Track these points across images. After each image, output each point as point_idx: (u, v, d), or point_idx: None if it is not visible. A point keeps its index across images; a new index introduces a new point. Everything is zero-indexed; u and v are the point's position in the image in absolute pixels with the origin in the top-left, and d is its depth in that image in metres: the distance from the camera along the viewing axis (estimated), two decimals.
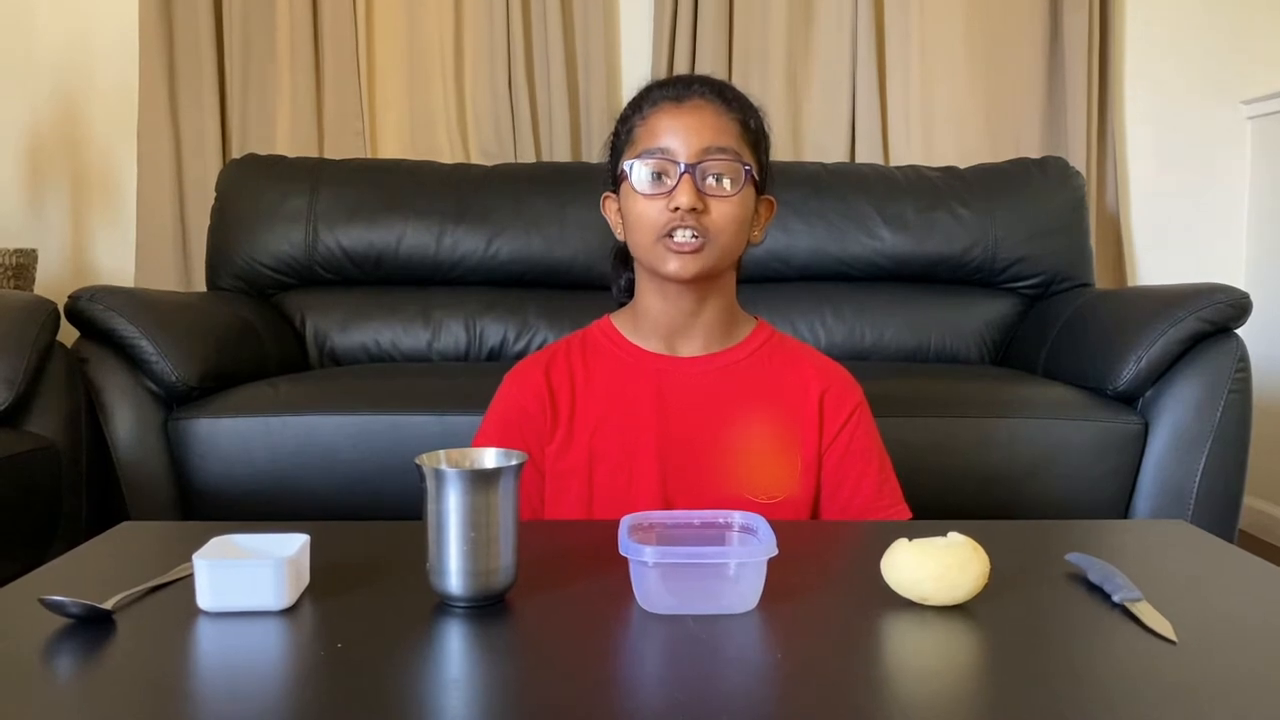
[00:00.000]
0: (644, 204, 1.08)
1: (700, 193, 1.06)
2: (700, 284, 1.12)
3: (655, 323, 1.16)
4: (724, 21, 2.63)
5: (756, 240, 1.16)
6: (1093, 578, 0.82)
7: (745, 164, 1.09)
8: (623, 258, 1.23)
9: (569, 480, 1.13)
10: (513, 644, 0.74)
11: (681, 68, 2.60)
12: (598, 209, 1.21)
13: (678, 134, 1.08)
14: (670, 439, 1.12)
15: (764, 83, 2.62)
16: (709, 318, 1.16)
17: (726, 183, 1.08)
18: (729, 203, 1.08)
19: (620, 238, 1.17)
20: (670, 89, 1.12)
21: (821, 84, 2.68)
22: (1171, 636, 0.70)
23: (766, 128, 1.16)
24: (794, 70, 2.67)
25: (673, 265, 1.08)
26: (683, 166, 1.06)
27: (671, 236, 1.07)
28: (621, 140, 1.15)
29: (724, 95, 1.12)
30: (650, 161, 1.08)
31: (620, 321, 1.20)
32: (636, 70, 2.68)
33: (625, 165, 1.10)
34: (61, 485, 1.60)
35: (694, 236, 1.07)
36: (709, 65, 2.58)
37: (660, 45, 2.64)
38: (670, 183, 1.07)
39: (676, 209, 1.06)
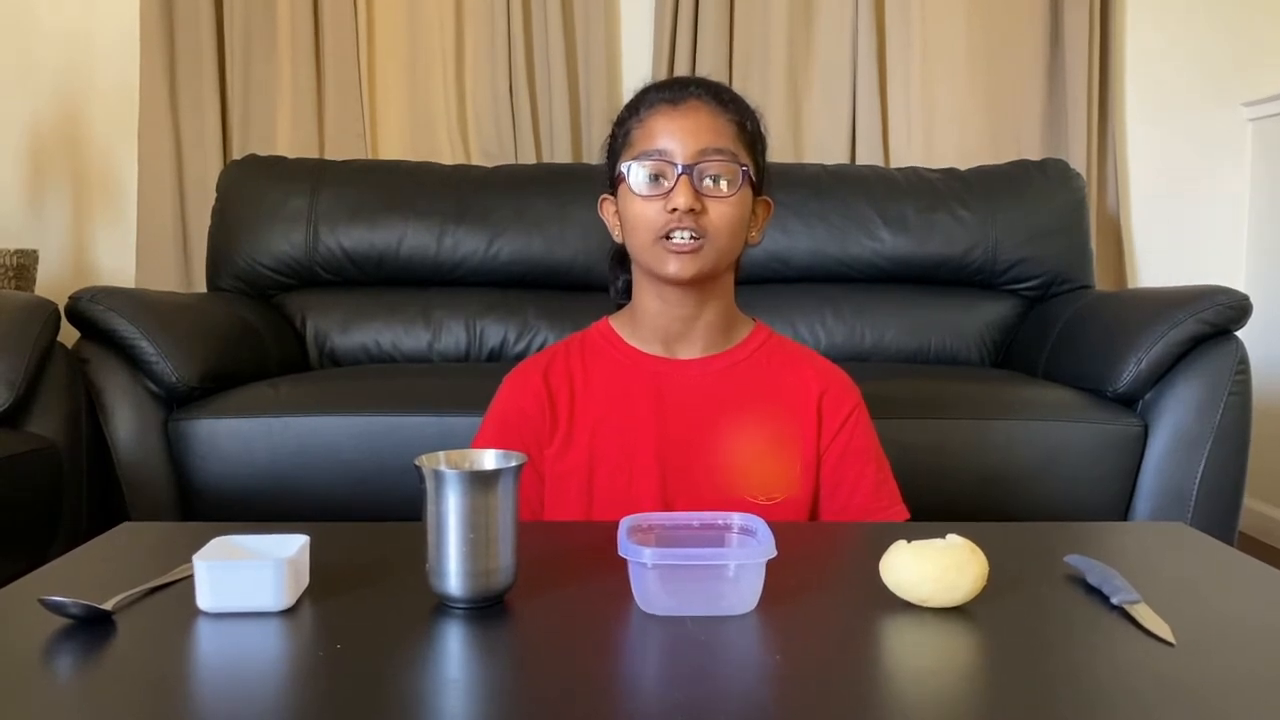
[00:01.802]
0: (641, 205, 1.09)
1: (698, 193, 1.07)
2: (699, 286, 1.12)
3: (654, 325, 1.16)
4: (724, 23, 2.64)
5: (754, 241, 1.16)
6: (1091, 580, 0.82)
7: (742, 165, 1.09)
8: (620, 259, 1.23)
9: (568, 482, 1.13)
10: (512, 645, 0.74)
11: (682, 69, 2.60)
12: (597, 210, 1.21)
13: (674, 135, 1.08)
14: (669, 441, 1.12)
15: (764, 84, 2.62)
16: (708, 320, 1.16)
17: (724, 183, 1.08)
18: (726, 203, 1.08)
19: (618, 240, 1.17)
20: (666, 91, 1.12)
21: (822, 85, 2.68)
22: (1170, 639, 0.71)
23: (764, 129, 1.17)
24: (795, 71, 2.68)
25: (672, 267, 1.08)
26: (680, 168, 1.06)
27: (669, 238, 1.07)
28: (619, 143, 1.15)
29: (720, 97, 1.12)
30: (647, 163, 1.08)
31: (619, 324, 1.20)
32: (637, 71, 2.68)
33: (623, 167, 1.10)
34: (62, 486, 1.60)
35: (692, 238, 1.07)
36: (709, 66, 2.58)
37: (661, 46, 2.64)
38: (667, 184, 1.07)
39: (674, 210, 1.06)
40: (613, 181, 1.15)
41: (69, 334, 1.73)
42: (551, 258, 2.31)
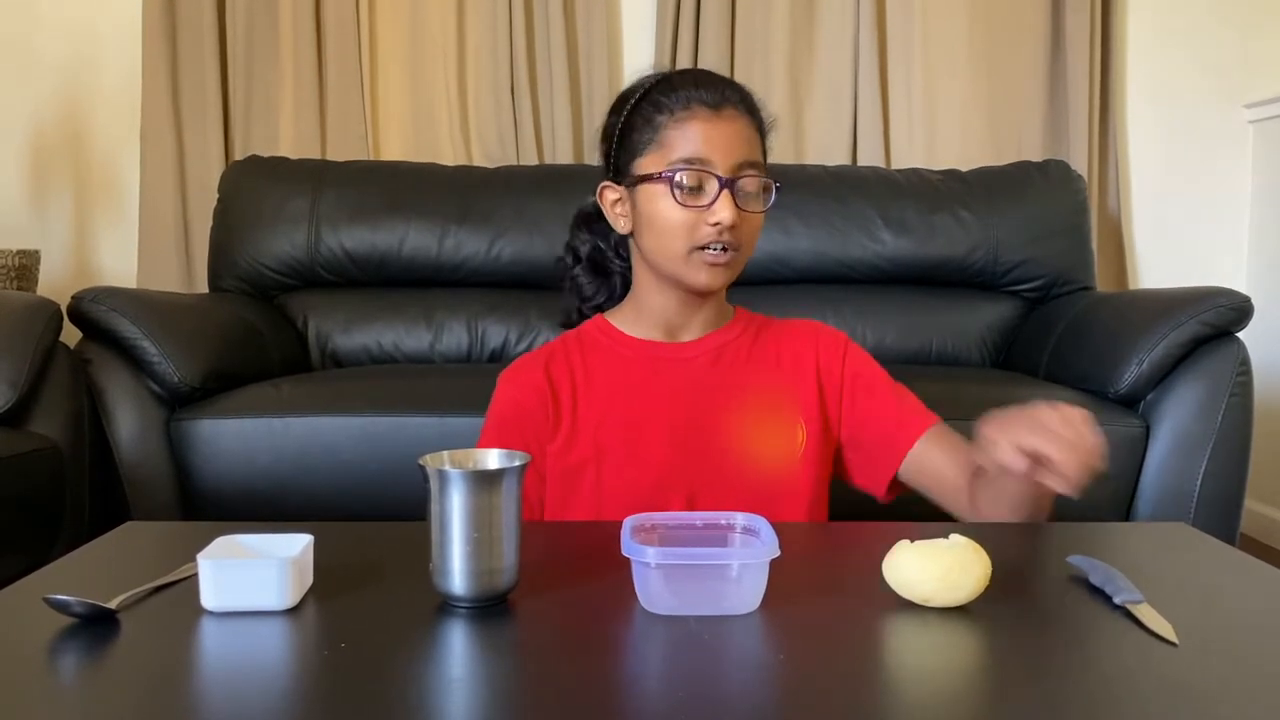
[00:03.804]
0: (679, 213, 1.07)
1: (737, 208, 1.07)
2: None
3: (657, 317, 1.17)
4: (726, 24, 2.64)
5: None
6: (1094, 580, 0.82)
7: (776, 183, 1.10)
8: (594, 266, 1.24)
9: (577, 476, 1.13)
10: (515, 644, 0.74)
11: None
12: (595, 198, 1.20)
13: (717, 146, 1.07)
14: (678, 423, 1.13)
15: (766, 85, 2.62)
16: (707, 309, 1.19)
17: (760, 199, 1.09)
18: (759, 217, 1.10)
19: (623, 231, 1.17)
20: (704, 92, 1.09)
21: (824, 86, 2.68)
22: (1173, 638, 0.71)
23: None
24: (796, 72, 2.68)
25: (704, 277, 1.09)
26: (722, 181, 1.06)
27: (705, 249, 1.07)
28: (641, 136, 1.12)
29: (750, 105, 1.12)
30: (689, 172, 1.06)
31: (615, 318, 1.21)
32: (639, 73, 2.68)
33: (664, 171, 1.07)
34: (64, 485, 1.60)
35: (725, 250, 1.08)
36: (711, 68, 2.57)
37: (663, 48, 2.64)
38: (707, 197, 1.06)
39: (716, 224, 1.06)
40: (618, 169, 1.15)
41: (71, 334, 1.74)
42: (553, 258, 2.30)
